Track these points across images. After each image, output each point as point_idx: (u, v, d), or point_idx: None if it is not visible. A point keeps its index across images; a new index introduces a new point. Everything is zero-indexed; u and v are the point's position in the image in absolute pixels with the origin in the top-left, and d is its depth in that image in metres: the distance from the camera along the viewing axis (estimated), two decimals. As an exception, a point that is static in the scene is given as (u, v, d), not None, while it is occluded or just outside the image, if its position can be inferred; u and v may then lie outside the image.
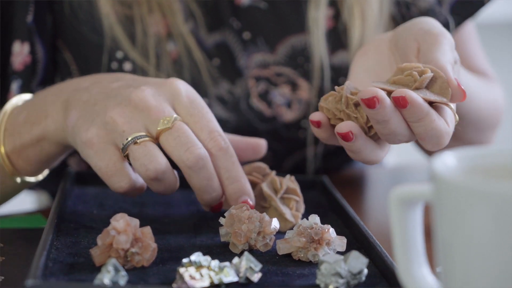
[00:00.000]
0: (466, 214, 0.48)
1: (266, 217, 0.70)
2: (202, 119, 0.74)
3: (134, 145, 0.72)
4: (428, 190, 0.52)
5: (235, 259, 0.64)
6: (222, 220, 0.71)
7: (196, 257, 0.63)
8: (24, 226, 0.84)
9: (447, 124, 0.71)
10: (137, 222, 0.66)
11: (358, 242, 0.73)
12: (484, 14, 1.13)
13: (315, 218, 0.70)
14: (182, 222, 0.78)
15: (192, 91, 0.76)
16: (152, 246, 0.66)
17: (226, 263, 0.63)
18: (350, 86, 0.73)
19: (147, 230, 0.66)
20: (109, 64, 0.95)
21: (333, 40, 1.01)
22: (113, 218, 0.65)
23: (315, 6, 0.99)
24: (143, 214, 0.79)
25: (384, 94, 0.68)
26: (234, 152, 0.75)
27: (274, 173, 0.80)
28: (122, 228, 0.65)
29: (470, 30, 1.09)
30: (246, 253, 0.64)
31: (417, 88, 0.71)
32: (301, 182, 0.90)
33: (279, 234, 0.73)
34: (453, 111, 0.73)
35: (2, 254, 0.74)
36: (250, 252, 0.70)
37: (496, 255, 0.48)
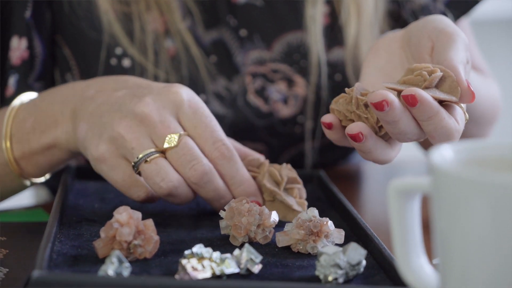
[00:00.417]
0: (463, 205, 0.49)
1: (266, 210, 0.72)
2: (206, 130, 0.76)
3: (145, 163, 0.74)
4: (426, 182, 0.53)
5: (236, 251, 0.65)
6: (222, 213, 0.72)
7: (198, 248, 0.64)
8: (26, 220, 0.85)
9: (457, 122, 0.72)
10: (139, 215, 0.67)
11: (356, 235, 0.74)
12: (479, 11, 1.14)
13: (314, 211, 0.71)
14: (182, 216, 0.79)
15: (195, 99, 0.77)
16: (154, 238, 0.67)
17: (227, 255, 0.64)
18: (359, 88, 0.75)
19: (150, 222, 0.67)
20: (108, 60, 0.97)
21: (329, 37, 1.02)
22: (116, 211, 0.67)
23: (312, 3, 1.00)
24: (144, 208, 0.80)
25: (393, 97, 0.69)
26: (237, 157, 0.77)
27: (267, 162, 0.81)
28: (125, 220, 0.66)
29: (465, 27, 1.11)
30: (246, 245, 0.65)
31: (426, 87, 0.72)
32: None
33: (278, 227, 0.74)
34: (463, 110, 0.74)
35: (6, 247, 0.75)
36: (250, 244, 0.71)
37: (493, 246, 0.48)
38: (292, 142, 1.04)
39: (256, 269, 0.65)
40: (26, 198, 1.24)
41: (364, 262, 0.65)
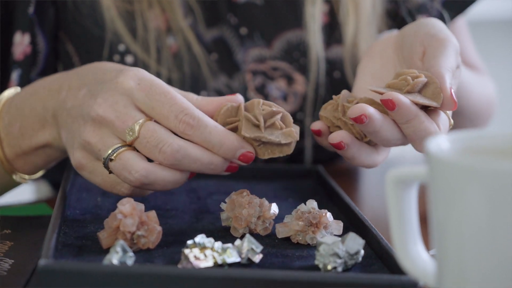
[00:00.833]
0: (459, 192, 0.50)
1: (266, 202, 0.73)
2: (164, 107, 0.73)
3: (111, 162, 0.74)
4: (423, 171, 0.54)
5: (237, 241, 0.67)
6: (223, 205, 0.74)
7: (200, 239, 0.65)
8: (29, 214, 0.87)
9: (439, 127, 0.74)
10: (142, 206, 0.68)
11: (354, 227, 0.76)
12: (478, 11, 1.16)
13: (313, 203, 0.73)
14: (184, 209, 0.81)
15: (145, 79, 0.75)
16: (157, 229, 0.68)
17: (229, 245, 0.66)
18: (346, 95, 0.77)
19: (152, 214, 0.69)
20: (111, 56, 0.98)
21: (328, 35, 1.03)
22: (119, 203, 0.68)
23: (312, 2, 1.02)
24: (145, 201, 0.81)
25: (371, 110, 0.72)
26: (206, 120, 0.73)
27: (242, 105, 0.76)
28: (129, 211, 0.67)
29: (461, 26, 1.12)
30: (247, 235, 0.67)
31: (408, 91, 0.74)
32: (297, 172, 0.93)
33: (277, 219, 0.75)
34: (447, 116, 0.76)
35: (10, 239, 0.77)
36: (251, 235, 0.72)
37: (489, 233, 0.49)
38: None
39: (257, 258, 0.66)
40: (27, 194, 1.25)
41: (362, 252, 0.67)
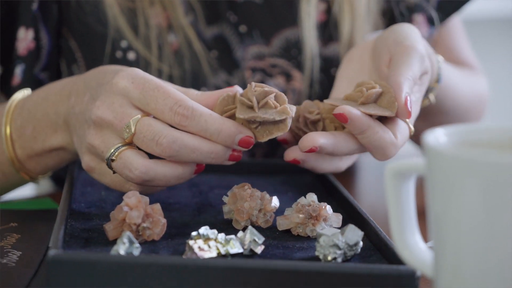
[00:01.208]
0: (456, 184, 0.51)
1: (267, 195, 0.75)
2: (158, 102, 0.73)
3: (113, 162, 0.75)
4: (421, 164, 0.56)
5: (240, 233, 0.68)
6: (226, 198, 0.76)
7: (204, 230, 0.67)
8: (35, 208, 0.89)
9: (395, 136, 0.76)
10: (147, 199, 0.70)
11: (353, 220, 0.77)
12: (473, 9, 1.17)
13: (313, 196, 0.75)
14: (186, 202, 0.82)
15: (137, 77, 0.75)
16: (162, 221, 0.70)
17: (232, 236, 0.68)
18: (308, 105, 0.80)
19: (157, 206, 0.71)
20: (113, 53, 1.00)
21: (325, 33, 1.05)
22: (125, 195, 0.70)
23: (307, 0, 1.04)
24: (148, 195, 0.83)
25: (321, 141, 0.75)
26: (200, 109, 0.73)
27: (238, 93, 0.76)
28: (134, 204, 0.69)
29: (456, 24, 1.14)
30: (250, 227, 0.68)
31: (363, 102, 0.77)
32: (296, 167, 0.94)
33: (278, 212, 0.77)
34: (407, 124, 0.78)
35: (17, 232, 0.79)
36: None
37: (485, 226, 0.51)
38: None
39: (259, 249, 0.68)
40: (29, 189, 1.27)
41: (361, 243, 0.69)
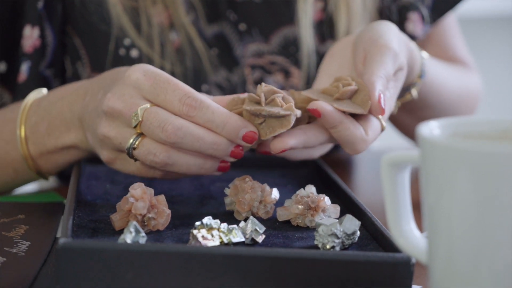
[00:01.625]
0: (449, 174, 0.54)
1: (267, 187, 0.78)
2: (168, 93, 0.75)
3: (134, 150, 0.77)
4: (415, 155, 0.58)
5: (242, 223, 0.71)
6: (227, 190, 0.78)
7: (207, 220, 0.70)
8: (41, 200, 0.91)
9: (366, 132, 0.79)
10: (152, 190, 0.73)
11: (350, 211, 0.80)
12: (469, 8, 1.19)
13: (311, 188, 0.77)
14: (189, 194, 0.85)
15: (149, 71, 0.77)
16: (166, 211, 0.73)
17: (234, 226, 0.70)
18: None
19: (162, 198, 0.73)
20: (117, 50, 1.02)
21: (323, 30, 1.08)
22: (131, 187, 0.72)
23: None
24: (152, 187, 0.86)
25: (292, 142, 0.77)
26: (208, 102, 0.75)
27: (246, 94, 0.78)
28: (140, 195, 0.72)
29: (450, 22, 1.17)
30: (251, 217, 0.71)
31: (338, 98, 0.79)
32: (295, 161, 0.97)
33: (278, 203, 0.79)
34: (380, 121, 0.80)
35: (25, 223, 0.81)
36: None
37: (477, 214, 0.53)
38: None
39: (260, 238, 0.71)
40: (32, 184, 1.29)
41: (358, 233, 0.71)
